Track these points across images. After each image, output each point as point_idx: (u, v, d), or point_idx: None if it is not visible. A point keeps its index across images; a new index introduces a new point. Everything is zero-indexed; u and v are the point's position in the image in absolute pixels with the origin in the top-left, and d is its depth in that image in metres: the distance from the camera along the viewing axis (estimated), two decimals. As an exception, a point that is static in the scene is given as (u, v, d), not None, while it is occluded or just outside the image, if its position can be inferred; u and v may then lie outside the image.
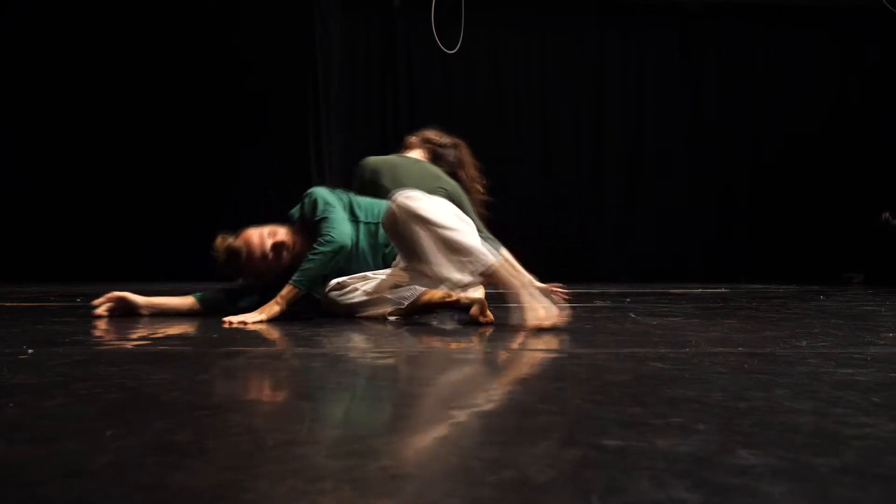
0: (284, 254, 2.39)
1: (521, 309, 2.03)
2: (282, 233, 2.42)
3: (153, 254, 5.28)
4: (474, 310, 2.21)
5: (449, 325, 2.22)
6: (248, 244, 2.37)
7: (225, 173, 5.39)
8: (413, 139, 3.17)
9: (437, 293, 2.27)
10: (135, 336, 1.88)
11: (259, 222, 2.51)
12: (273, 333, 1.97)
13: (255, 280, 2.44)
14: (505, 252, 2.72)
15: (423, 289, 2.31)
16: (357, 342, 1.84)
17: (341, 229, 2.35)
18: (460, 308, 2.30)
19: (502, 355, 1.63)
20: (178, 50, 5.52)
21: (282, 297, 2.28)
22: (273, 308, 2.27)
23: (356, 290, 2.39)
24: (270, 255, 2.37)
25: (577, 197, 6.24)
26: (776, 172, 6.31)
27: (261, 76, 5.51)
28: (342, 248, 2.34)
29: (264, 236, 2.39)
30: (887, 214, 5.41)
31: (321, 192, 2.47)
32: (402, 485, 0.68)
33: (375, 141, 6.06)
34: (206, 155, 5.45)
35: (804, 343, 1.72)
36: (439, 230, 2.12)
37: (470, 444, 0.83)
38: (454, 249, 2.11)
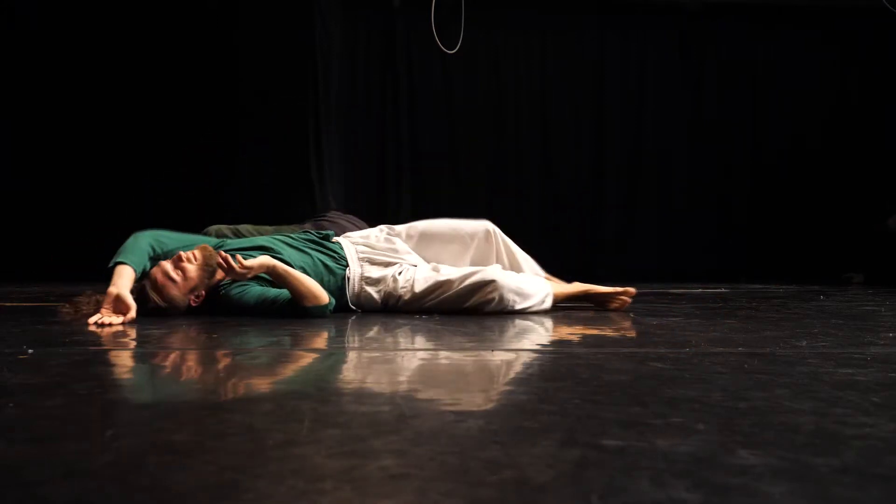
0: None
1: None
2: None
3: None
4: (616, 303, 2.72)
5: (452, 325, 2.22)
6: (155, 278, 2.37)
7: (224, 173, 5.39)
8: None
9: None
10: (134, 337, 1.89)
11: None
12: (273, 332, 1.97)
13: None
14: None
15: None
16: (359, 341, 1.84)
17: None
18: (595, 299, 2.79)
19: (502, 355, 1.63)
20: (177, 50, 5.51)
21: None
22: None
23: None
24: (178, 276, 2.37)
25: (577, 197, 6.23)
26: (776, 172, 6.31)
27: (261, 76, 5.50)
28: None
29: (172, 289, 2.37)
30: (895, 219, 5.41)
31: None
32: (402, 485, 0.68)
33: (375, 141, 6.06)
34: (206, 155, 5.44)
35: (804, 343, 1.72)
36: None
37: (470, 444, 0.83)
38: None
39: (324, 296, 2.33)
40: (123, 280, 2.30)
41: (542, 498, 0.65)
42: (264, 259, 2.33)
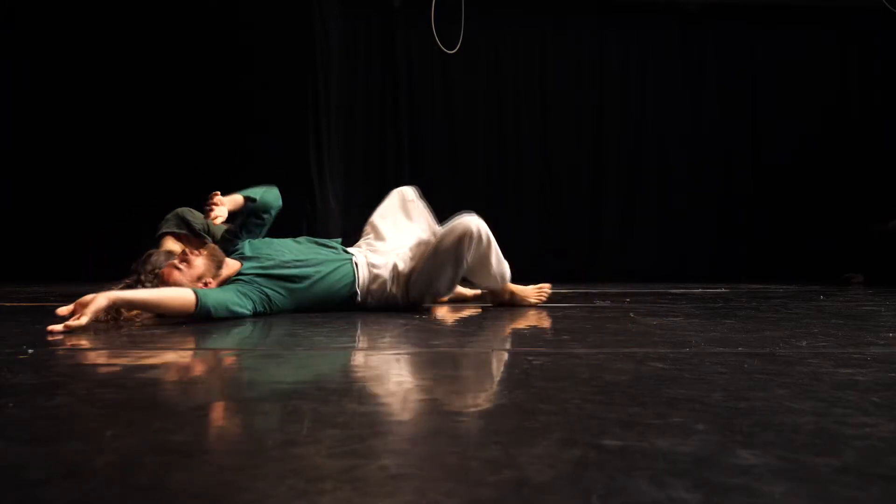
0: (210, 282, 2.37)
1: None
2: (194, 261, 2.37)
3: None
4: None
5: (451, 325, 2.22)
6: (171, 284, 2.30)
7: (224, 174, 5.38)
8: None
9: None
10: (135, 336, 1.88)
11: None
12: (273, 332, 1.97)
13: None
14: None
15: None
16: (357, 341, 1.84)
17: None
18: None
19: (502, 355, 1.63)
20: (177, 50, 5.52)
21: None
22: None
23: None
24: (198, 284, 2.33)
25: (577, 197, 6.24)
26: (776, 172, 6.31)
27: (260, 76, 5.50)
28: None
29: (179, 276, 2.32)
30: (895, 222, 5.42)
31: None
32: (402, 485, 0.68)
33: (375, 140, 6.06)
34: (206, 155, 5.44)
35: (804, 343, 1.72)
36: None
37: (470, 444, 0.83)
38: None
39: (189, 303, 2.13)
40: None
41: (542, 498, 0.65)
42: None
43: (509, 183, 6.18)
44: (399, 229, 2.89)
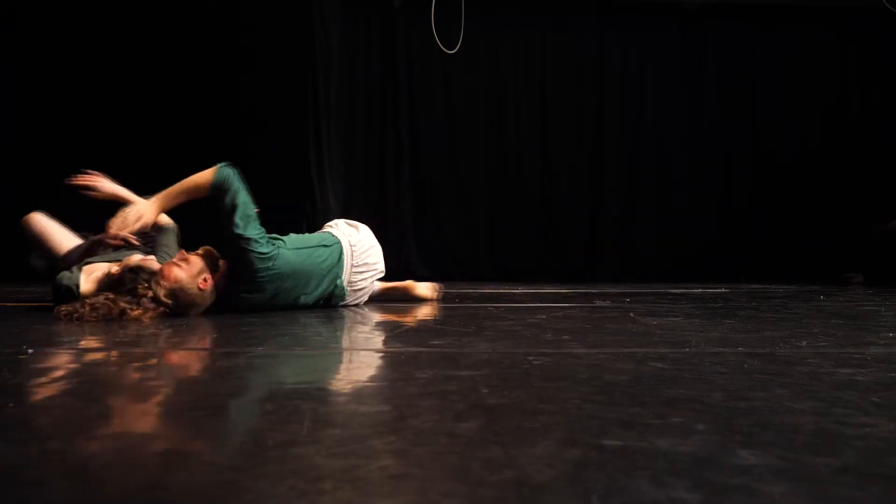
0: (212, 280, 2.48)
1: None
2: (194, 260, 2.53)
3: (153, 253, 5.27)
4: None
5: (447, 325, 2.22)
6: (178, 281, 2.39)
7: (224, 173, 5.38)
8: None
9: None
10: (135, 336, 1.89)
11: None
12: (273, 333, 1.97)
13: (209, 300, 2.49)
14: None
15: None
16: (354, 342, 1.84)
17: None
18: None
19: (502, 355, 1.63)
20: (177, 50, 5.52)
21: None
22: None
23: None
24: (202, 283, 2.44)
25: (577, 197, 6.23)
26: (776, 172, 6.30)
27: (260, 76, 5.50)
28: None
29: (179, 271, 2.45)
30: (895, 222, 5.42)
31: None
32: (402, 485, 0.68)
33: (375, 141, 6.06)
34: (206, 155, 5.43)
35: (804, 343, 1.72)
36: None
37: (470, 444, 0.83)
38: None
39: (208, 174, 2.78)
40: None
41: (542, 498, 0.65)
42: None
43: (509, 183, 6.17)
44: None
